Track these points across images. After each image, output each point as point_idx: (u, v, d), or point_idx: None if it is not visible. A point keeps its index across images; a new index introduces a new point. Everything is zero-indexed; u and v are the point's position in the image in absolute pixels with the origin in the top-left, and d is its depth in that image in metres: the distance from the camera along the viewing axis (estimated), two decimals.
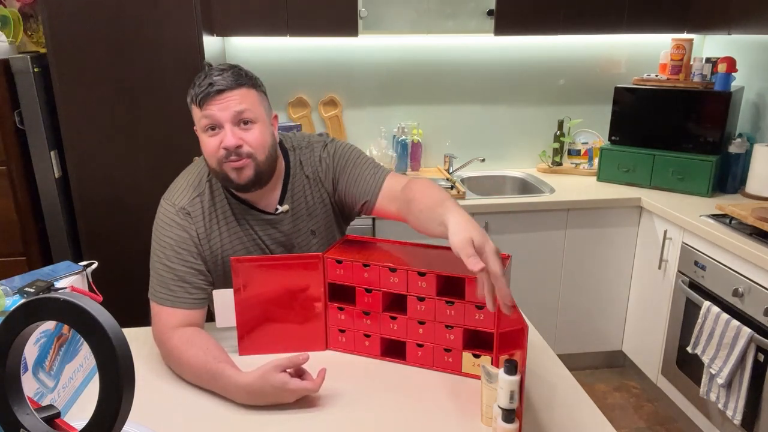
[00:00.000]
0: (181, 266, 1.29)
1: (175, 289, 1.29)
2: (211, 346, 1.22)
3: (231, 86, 1.23)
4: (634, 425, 2.52)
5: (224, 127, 1.24)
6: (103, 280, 1.62)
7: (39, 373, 1.06)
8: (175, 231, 1.30)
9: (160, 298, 1.29)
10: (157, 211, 1.35)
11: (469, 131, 3.08)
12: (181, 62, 2.20)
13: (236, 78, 1.24)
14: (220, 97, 1.23)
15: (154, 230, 1.33)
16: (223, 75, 1.23)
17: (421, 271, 1.23)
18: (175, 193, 1.34)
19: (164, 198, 1.35)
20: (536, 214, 2.60)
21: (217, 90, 1.22)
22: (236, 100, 1.23)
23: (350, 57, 2.89)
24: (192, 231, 1.31)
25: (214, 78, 1.23)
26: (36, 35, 2.58)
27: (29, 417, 0.73)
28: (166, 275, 1.29)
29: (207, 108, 1.23)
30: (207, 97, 1.23)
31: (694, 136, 2.62)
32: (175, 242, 1.30)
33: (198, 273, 1.31)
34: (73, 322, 0.67)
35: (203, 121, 1.25)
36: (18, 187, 2.18)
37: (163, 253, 1.30)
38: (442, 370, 1.27)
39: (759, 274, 1.97)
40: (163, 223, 1.32)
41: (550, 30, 2.66)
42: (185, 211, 1.31)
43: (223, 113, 1.23)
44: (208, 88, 1.22)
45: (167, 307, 1.28)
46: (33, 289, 1.11)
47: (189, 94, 1.27)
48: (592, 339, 2.84)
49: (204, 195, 1.34)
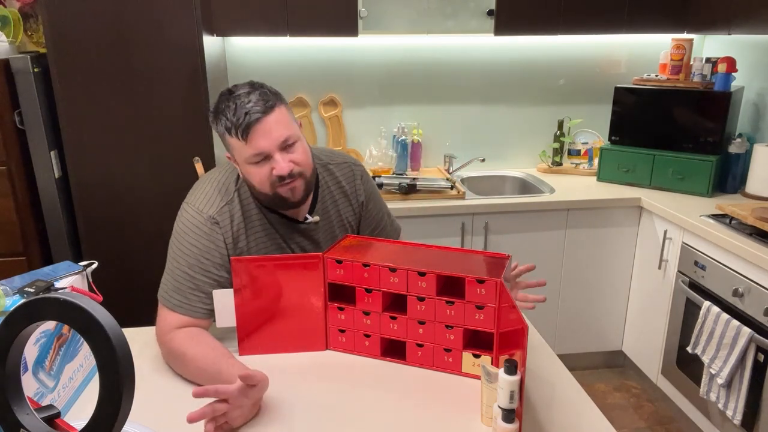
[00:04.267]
0: (202, 276, 1.28)
1: (191, 297, 1.27)
2: (218, 346, 1.23)
3: (266, 111, 1.21)
4: (634, 425, 2.52)
5: (273, 156, 1.23)
6: (103, 280, 1.62)
7: (39, 373, 1.06)
8: (201, 240, 1.27)
9: (173, 303, 1.27)
10: (179, 214, 1.32)
11: (469, 131, 3.08)
12: (181, 62, 2.20)
13: (265, 99, 1.23)
14: (260, 126, 1.21)
15: (176, 234, 1.30)
16: (251, 99, 1.21)
17: (421, 271, 1.23)
18: (202, 199, 1.31)
19: (189, 203, 1.32)
20: (536, 214, 2.60)
21: (256, 119, 1.20)
22: (276, 125, 1.22)
23: (350, 57, 2.89)
24: (219, 241, 1.29)
25: (247, 106, 1.21)
26: (36, 35, 2.58)
27: (29, 417, 0.73)
28: (184, 282, 1.27)
29: (252, 140, 1.21)
30: (248, 129, 1.20)
31: (694, 136, 2.62)
32: (200, 252, 1.27)
33: (217, 285, 1.29)
34: (73, 322, 0.67)
35: (248, 153, 1.22)
36: (18, 187, 2.18)
37: (185, 260, 1.27)
38: (442, 370, 1.27)
39: (759, 274, 1.97)
40: (187, 229, 1.28)
41: (550, 30, 2.66)
42: (213, 220, 1.28)
43: (270, 144, 1.22)
44: (246, 118, 1.20)
45: (177, 313, 1.27)
46: (33, 289, 1.11)
47: (220, 123, 1.23)
48: (592, 339, 2.84)
49: (233, 203, 1.31)
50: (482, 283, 1.18)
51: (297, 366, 1.30)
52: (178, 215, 1.32)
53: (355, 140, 3.01)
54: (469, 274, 1.20)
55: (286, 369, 1.28)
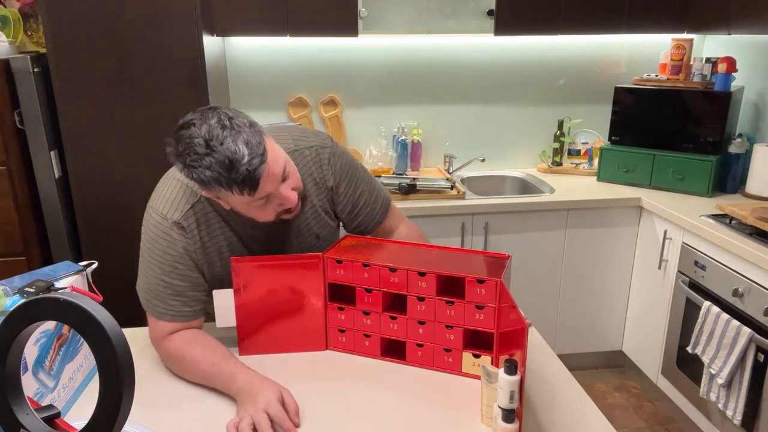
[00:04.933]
0: (179, 281, 1.25)
1: (174, 303, 1.25)
2: (218, 346, 1.23)
3: (263, 155, 1.10)
4: (634, 425, 2.52)
5: (277, 192, 1.16)
6: (103, 280, 1.63)
7: (39, 373, 1.06)
8: (172, 247, 1.23)
9: (158, 312, 1.25)
10: (145, 219, 1.26)
11: (469, 131, 3.08)
12: (181, 62, 2.20)
13: (251, 143, 1.09)
14: (264, 175, 1.11)
15: (145, 242, 1.26)
16: (240, 149, 1.08)
17: (421, 271, 1.23)
18: (165, 203, 1.25)
19: (152, 207, 1.26)
20: (536, 214, 2.60)
21: (263, 171, 1.10)
22: (273, 164, 1.12)
23: (350, 57, 2.89)
24: (189, 245, 1.24)
25: (244, 160, 1.08)
26: (36, 35, 2.58)
27: (29, 417, 0.73)
28: (163, 290, 1.24)
29: (260, 191, 1.12)
30: (257, 183, 1.10)
31: (694, 136, 2.62)
32: (173, 258, 1.23)
33: (197, 286, 1.28)
34: (73, 322, 0.67)
35: (255, 203, 1.15)
36: (18, 187, 2.18)
37: (160, 268, 1.24)
38: (442, 370, 1.27)
39: (759, 274, 1.97)
40: (155, 237, 1.23)
41: (550, 30, 2.66)
42: (179, 225, 1.23)
43: (273, 185, 1.14)
44: (251, 174, 1.09)
45: (163, 321, 1.26)
46: (33, 289, 1.11)
47: (210, 179, 1.09)
48: (592, 339, 2.84)
49: (198, 204, 1.25)
50: (482, 283, 1.18)
51: (297, 366, 1.30)
52: (144, 220, 1.27)
53: (355, 140, 3.01)
54: (469, 274, 1.20)
55: (286, 369, 1.28)
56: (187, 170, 1.11)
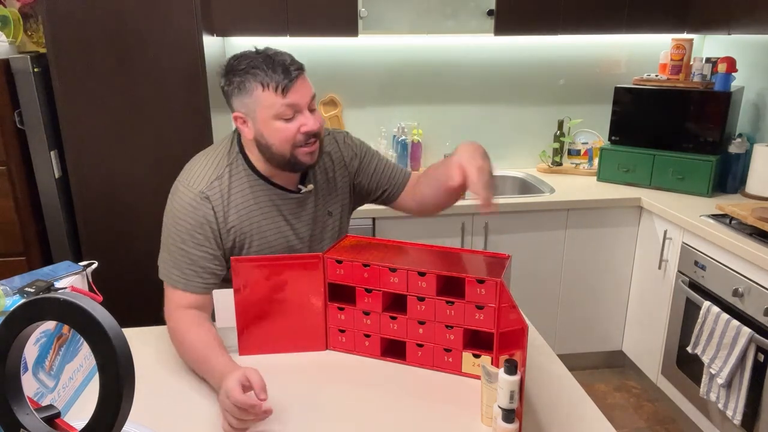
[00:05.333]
0: (196, 251, 1.30)
1: (188, 272, 1.30)
2: (213, 337, 1.24)
3: (302, 68, 1.26)
4: (634, 425, 2.52)
5: (303, 113, 1.26)
6: (103, 280, 1.62)
7: (39, 373, 1.06)
8: (193, 215, 1.30)
9: (172, 279, 1.31)
10: (172, 191, 1.34)
11: (469, 131, 3.07)
12: (181, 62, 2.19)
13: (296, 60, 1.27)
14: (299, 81, 1.24)
15: (168, 211, 1.33)
16: (286, 58, 1.25)
17: (421, 271, 1.23)
18: (193, 176, 1.33)
19: (180, 181, 1.34)
20: (536, 214, 2.60)
21: (297, 74, 1.23)
22: (308, 84, 1.27)
23: (350, 57, 2.89)
24: (210, 216, 1.31)
25: (286, 63, 1.24)
26: (36, 35, 2.58)
27: (29, 417, 0.73)
28: (180, 258, 1.30)
29: (290, 95, 1.23)
30: (291, 82, 1.23)
31: (694, 136, 2.62)
32: (192, 227, 1.30)
33: (213, 258, 1.32)
34: (73, 322, 0.67)
35: (284, 109, 1.24)
36: (18, 187, 2.18)
37: (179, 236, 1.30)
38: (442, 370, 1.27)
39: (759, 274, 1.97)
40: (179, 206, 1.31)
41: (550, 30, 2.66)
42: (204, 195, 1.30)
43: (303, 99, 1.25)
44: (287, 73, 1.22)
45: (178, 290, 1.31)
46: (33, 289, 1.11)
47: (251, 79, 1.23)
48: (592, 339, 2.84)
49: (223, 177, 1.33)
50: (482, 283, 1.18)
51: (297, 366, 1.30)
52: (171, 192, 1.34)
53: None
54: (469, 274, 1.20)
55: (286, 369, 1.28)
56: (233, 75, 1.25)
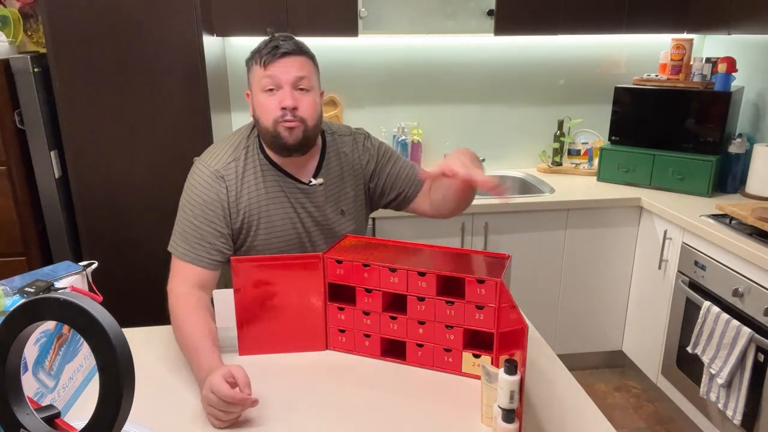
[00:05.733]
0: (206, 226, 1.35)
1: (197, 246, 1.34)
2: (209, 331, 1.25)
3: (295, 52, 1.32)
4: (634, 425, 2.52)
5: (283, 88, 1.31)
6: (103, 280, 1.63)
7: (39, 373, 1.06)
8: (207, 192, 1.36)
9: (180, 252, 1.35)
10: (191, 171, 1.41)
11: (469, 131, 3.07)
12: (181, 62, 2.19)
13: (299, 47, 1.34)
14: (283, 60, 1.31)
15: (185, 188, 1.40)
16: (288, 42, 1.33)
17: (421, 271, 1.23)
18: (211, 156, 1.40)
19: (199, 160, 1.42)
20: (536, 214, 2.60)
21: (282, 53, 1.30)
22: (297, 66, 1.32)
23: (350, 57, 2.89)
24: (223, 194, 1.36)
25: (280, 42, 1.32)
26: (36, 35, 2.58)
27: (29, 417, 0.73)
28: (190, 232, 1.35)
29: (270, 69, 1.31)
30: (272, 59, 1.30)
31: (694, 136, 2.62)
32: (205, 203, 1.36)
33: (221, 236, 1.36)
34: (73, 322, 0.67)
35: (264, 81, 1.31)
36: (18, 187, 2.18)
37: (191, 210, 1.36)
38: (442, 370, 1.27)
39: (759, 274, 1.97)
40: (195, 182, 1.38)
41: (550, 30, 2.66)
42: (219, 174, 1.37)
43: (284, 75, 1.31)
44: (274, 50, 1.31)
45: (185, 263, 1.34)
46: (33, 289, 1.11)
47: (251, 55, 1.35)
48: (592, 339, 2.84)
49: (239, 160, 1.39)
50: (482, 283, 1.18)
51: (297, 366, 1.30)
52: (190, 171, 1.42)
53: None
54: (469, 274, 1.20)
55: (286, 369, 1.28)
56: (248, 57, 1.36)
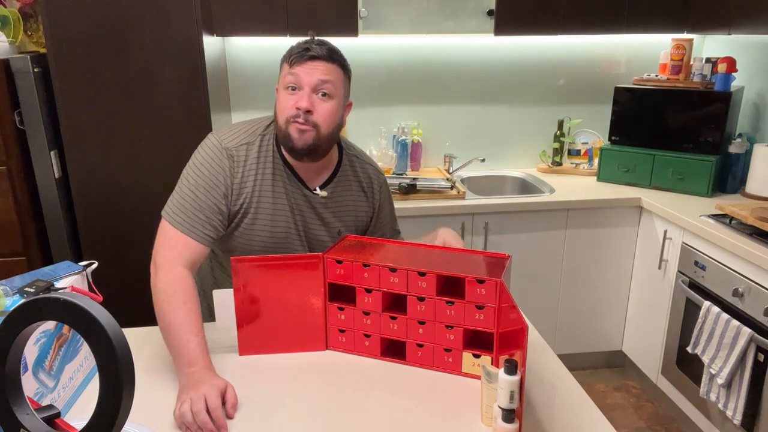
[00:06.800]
0: (206, 198, 1.33)
1: (192, 217, 1.32)
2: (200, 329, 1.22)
3: (323, 57, 1.32)
4: (634, 425, 2.52)
5: (303, 90, 1.31)
6: (103, 280, 1.63)
7: (39, 373, 1.06)
8: (213, 166, 1.34)
9: (174, 219, 1.32)
10: (202, 142, 1.39)
11: (469, 131, 3.08)
12: (181, 62, 2.20)
13: (331, 54, 1.34)
14: (311, 63, 1.31)
15: (192, 158, 1.37)
16: (321, 47, 1.33)
17: (421, 271, 1.23)
18: (226, 133, 1.39)
19: (213, 133, 1.40)
20: (536, 214, 2.60)
21: (311, 56, 1.31)
22: (322, 71, 1.31)
23: (350, 57, 2.85)
24: (227, 171, 1.35)
25: (313, 46, 1.32)
26: (36, 35, 2.58)
27: (29, 417, 0.73)
28: (189, 202, 1.33)
29: (296, 68, 1.31)
30: (299, 59, 1.31)
31: (694, 136, 2.62)
32: (209, 175, 1.34)
33: (218, 212, 1.34)
34: (73, 322, 0.67)
35: (288, 78, 1.32)
36: (18, 187, 2.18)
37: (194, 180, 1.34)
38: (442, 370, 1.27)
39: (759, 274, 1.97)
40: (204, 153, 1.36)
41: (550, 30, 2.66)
42: (230, 152, 1.36)
43: (307, 77, 1.31)
44: (304, 52, 1.31)
45: (178, 232, 1.31)
46: (33, 289, 1.11)
47: (286, 52, 1.35)
48: (592, 339, 2.84)
49: (252, 146, 1.38)
50: (482, 283, 1.18)
51: (297, 366, 1.30)
52: (202, 142, 1.39)
53: (355, 140, 3.00)
54: (469, 274, 1.20)
55: (286, 369, 1.28)
56: None
